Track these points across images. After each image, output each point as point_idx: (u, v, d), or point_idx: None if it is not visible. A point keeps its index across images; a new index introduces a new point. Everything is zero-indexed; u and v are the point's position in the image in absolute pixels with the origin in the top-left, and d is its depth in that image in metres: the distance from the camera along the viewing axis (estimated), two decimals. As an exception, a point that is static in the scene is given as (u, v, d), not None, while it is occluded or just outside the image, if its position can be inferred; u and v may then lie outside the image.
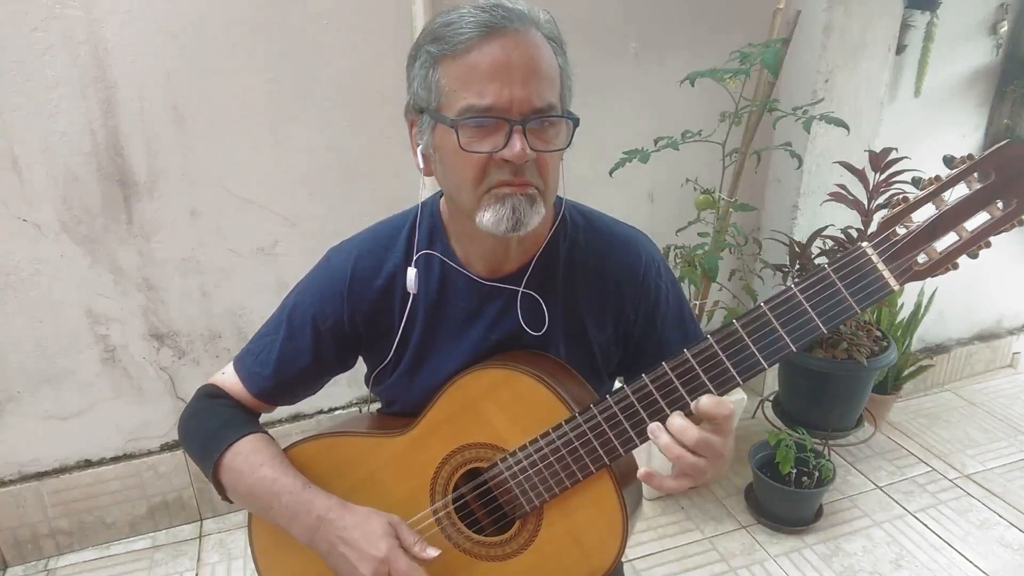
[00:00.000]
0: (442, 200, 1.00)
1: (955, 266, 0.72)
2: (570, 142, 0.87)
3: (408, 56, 0.88)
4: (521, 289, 0.97)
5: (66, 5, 1.60)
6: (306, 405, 2.19)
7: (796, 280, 0.92)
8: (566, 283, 0.99)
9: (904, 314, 2.61)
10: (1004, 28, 2.41)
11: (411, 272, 0.97)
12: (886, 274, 0.72)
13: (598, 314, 1.00)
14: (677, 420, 0.80)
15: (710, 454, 0.79)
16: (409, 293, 0.98)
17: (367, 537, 0.90)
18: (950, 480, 2.34)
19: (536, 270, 0.98)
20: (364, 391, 2.21)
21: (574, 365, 1.00)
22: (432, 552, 0.91)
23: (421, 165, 0.90)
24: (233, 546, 2.09)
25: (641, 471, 0.83)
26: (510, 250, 0.96)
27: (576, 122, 0.86)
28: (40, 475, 1.99)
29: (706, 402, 0.78)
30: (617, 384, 1.01)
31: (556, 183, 0.89)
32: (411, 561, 0.89)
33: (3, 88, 1.62)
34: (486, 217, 0.84)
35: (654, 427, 0.82)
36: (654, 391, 0.84)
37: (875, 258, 0.72)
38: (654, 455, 2.18)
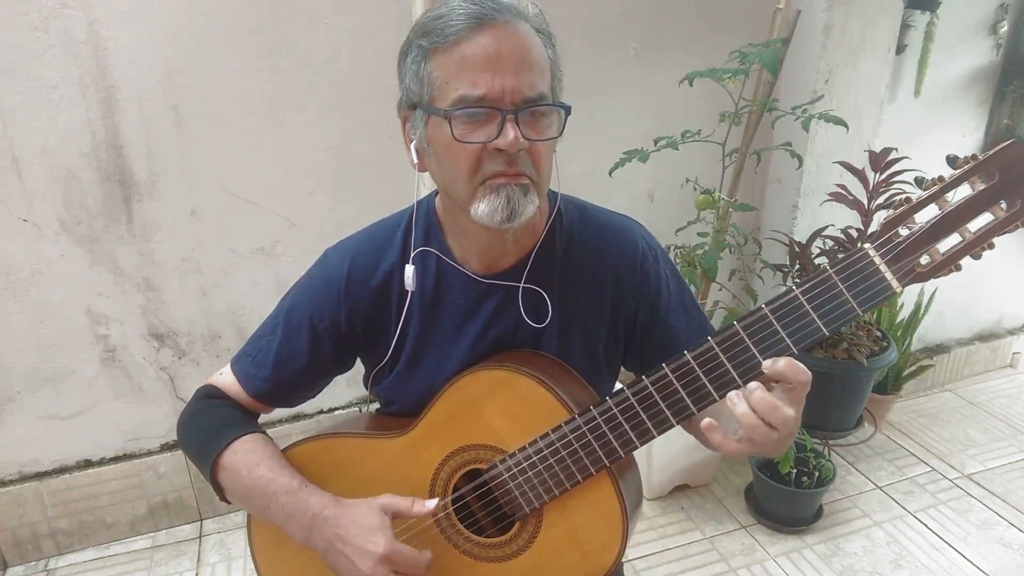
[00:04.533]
0: (438, 198, 1.00)
1: (958, 267, 0.72)
2: (562, 131, 0.87)
3: (399, 52, 0.88)
4: (522, 284, 0.97)
5: (66, 5, 1.60)
6: (306, 405, 2.18)
7: (797, 281, 0.91)
8: (564, 276, 0.99)
9: (904, 314, 2.61)
10: (1004, 28, 2.41)
11: (409, 269, 0.97)
12: (888, 276, 0.72)
13: (598, 306, 1.00)
14: (758, 392, 0.76)
15: (784, 429, 0.77)
16: (406, 291, 0.98)
17: (363, 532, 0.89)
18: (950, 480, 2.34)
19: (535, 264, 0.98)
20: (364, 391, 2.20)
21: (575, 358, 1.00)
22: (431, 503, 0.92)
23: (415, 160, 0.90)
24: (233, 546, 2.08)
25: (705, 422, 0.80)
26: (506, 245, 0.96)
27: (568, 110, 0.86)
28: (40, 475, 1.99)
29: (785, 365, 0.75)
30: (618, 385, 1.00)
31: (549, 174, 0.89)
32: (411, 552, 0.89)
33: (3, 88, 1.62)
34: (481, 208, 0.84)
35: (733, 395, 0.78)
36: (654, 392, 0.84)
37: (877, 260, 0.72)
38: (653, 455, 2.18)
